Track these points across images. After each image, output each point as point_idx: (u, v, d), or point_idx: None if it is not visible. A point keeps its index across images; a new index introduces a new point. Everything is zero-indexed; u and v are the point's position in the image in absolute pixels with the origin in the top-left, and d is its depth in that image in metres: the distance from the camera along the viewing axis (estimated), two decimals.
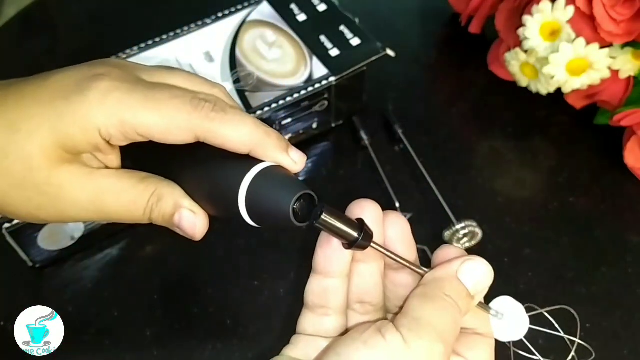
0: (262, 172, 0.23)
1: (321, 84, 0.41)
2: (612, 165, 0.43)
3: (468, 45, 0.51)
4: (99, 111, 0.24)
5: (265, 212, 0.23)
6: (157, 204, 0.26)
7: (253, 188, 0.23)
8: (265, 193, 0.23)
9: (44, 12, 0.57)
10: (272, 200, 0.23)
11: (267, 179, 0.23)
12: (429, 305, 0.23)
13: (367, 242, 0.24)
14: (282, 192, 0.23)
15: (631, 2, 0.38)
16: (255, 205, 0.23)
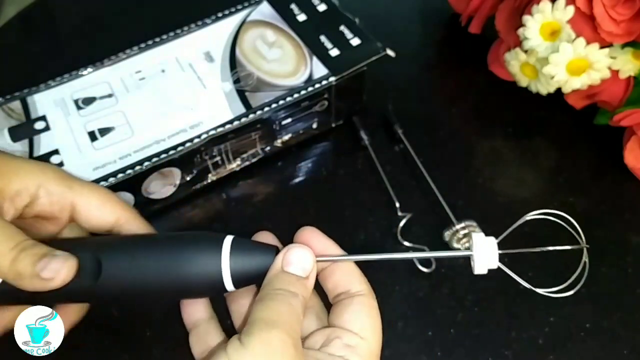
0: (233, 245, 0.27)
1: (321, 84, 0.41)
2: (612, 165, 0.43)
3: (468, 45, 0.51)
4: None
5: (250, 277, 0.27)
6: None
7: (234, 262, 0.26)
8: (247, 262, 0.27)
9: (44, 12, 0.57)
10: (255, 264, 0.27)
11: (239, 250, 0.27)
12: (259, 304, 0.25)
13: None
14: (261, 254, 0.27)
15: (631, 2, 0.38)
16: (240, 274, 0.26)
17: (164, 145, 0.38)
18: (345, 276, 0.28)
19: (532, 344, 0.36)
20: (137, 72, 0.42)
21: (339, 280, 0.28)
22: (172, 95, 0.41)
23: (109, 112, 0.40)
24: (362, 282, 0.28)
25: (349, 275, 0.28)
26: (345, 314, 0.27)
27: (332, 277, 0.28)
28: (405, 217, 0.40)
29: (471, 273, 0.39)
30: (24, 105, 0.40)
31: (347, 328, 0.27)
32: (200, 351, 0.29)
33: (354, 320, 0.27)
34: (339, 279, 0.28)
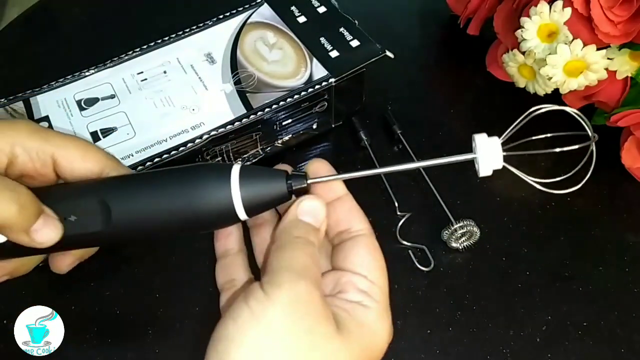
0: (242, 172, 0.26)
1: (321, 85, 0.41)
2: (609, 166, 0.44)
3: (466, 47, 0.51)
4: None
5: (262, 203, 0.26)
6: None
7: (244, 189, 0.26)
8: (257, 188, 0.26)
9: (47, 13, 0.57)
10: (266, 189, 0.26)
11: (248, 176, 0.26)
12: (281, 252, 0.24)
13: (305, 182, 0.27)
14: (272, 180, 0.26)
15: (628, 3, 0.38)
16: (252, 201, 0.26)
17: (165, 146, 0.38)
18: (346, 213, 0.28)
19: (530, 343, 0.36)
20: (139, 73, 0.42)
21: (340, 217, 0.28)
22: (174, 96, 0.41)
23: (112, 113, 0.40)
24: (363, 220, 0.28)
25: (349, 212, 0.28)
26: (351, 255, 0.27)
27: (334, 214, 0.28)
28: (404, 217, 0.40)
29: (470, 272, 0.39)
30: (27, 106, 0.40)
31: (357, 271, 0.26)
32: (222, 282, 0.29)
33: (361, 263, 0.26)
34: (340, 216, 0.28)
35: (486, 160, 0.28)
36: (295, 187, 0.27)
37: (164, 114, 0.40)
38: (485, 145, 0.28)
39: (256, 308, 0.22)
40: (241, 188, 0.25)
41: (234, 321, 0.23)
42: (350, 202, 0.28)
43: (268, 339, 0.22)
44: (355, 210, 0.28)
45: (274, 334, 0.22)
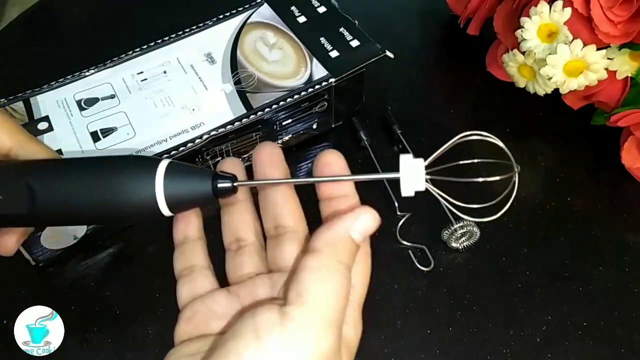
0: (168, 168, 0.26)
1: (321, 85, 0.41)
2: (609, 166, 0.44)
3: (466, 47, 0.51)
4: None
5: (186, 200, 0.26)
6: None
7: (169, 186, 0.26)
8: (183, 185, 0.26)
9: (47, 13, 0.57)
10: (191, 188, 0.26)
11: (175, 173, 0.26)
12: (318, 282, 0.22)
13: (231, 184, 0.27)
14: (198, 179, 0.26)
15: (628, 3, 0.38)
16: (175, 196, 0.26)
17: (165, 146, 0.38)
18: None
19: (530, 343, 0.36)
20: (139, 73, 0.42)
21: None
22: (174, 96, 0.41)
23: (112, 113, 0.40)
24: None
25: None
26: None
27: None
28: (404, 217, 0.40)
29: (470, 272, 0.39)
30: (27, 106, 0.40)
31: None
32: (180, 268, 0.29)
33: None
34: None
35: (408, 181, 0.28)
36: (221, 188, 0.26)
37: (164, 114, 0.40)
38: (408, 166, 0.28)
39: (269, 334, 0.20)
40: (165, 184, 0.25)
41: (258, 341, 0.20)
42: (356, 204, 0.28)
43: None
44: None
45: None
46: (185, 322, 0.27)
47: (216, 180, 0.26)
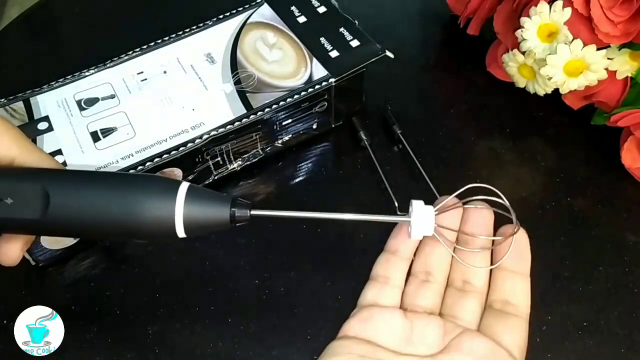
0: (189, 191, 0.26)
1: (321, 85, 0.41)
2: (609, 166, 0.44)
3: (466, 47, 0.51)
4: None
5: (202, 225, 0.27)
6: None
7: (188, 205, 0.26)
8: (201, 208, 0.26)
9: (47, 13, 0.57)
10: (210, 213, 0.27)
11: (195, 196, 0.26)
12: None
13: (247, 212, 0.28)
14: (216, 204, 0.27)
15: (628, 3, 0.38)
16: (193, 219, 0.26)
17: (165, 146, 0.38)
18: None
19: (530, 343, 0.36)
20: (139, 73, 0.42)
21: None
22: (174, 96, 0.41)
23: (112, 113, 0.40)
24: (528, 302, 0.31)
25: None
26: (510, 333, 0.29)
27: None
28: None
29: None
30: (26, 106, 0.40)
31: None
32: (379, 273, 0.32)
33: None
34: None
35: (419, 226, 0.30)
36: (239, 216, 0.27)
37: (164, 114, 0.40)
38: (420, 212, 0.30)
39: None
40: (185, 207, 0.26)
41: None
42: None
43: None
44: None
45: None
46: (360, 321, 0.29)
47: (234, 207, 0.27)
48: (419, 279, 0.32)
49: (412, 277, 0.32)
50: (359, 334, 0.29)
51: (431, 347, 0.28)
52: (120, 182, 0.27)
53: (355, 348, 0.28)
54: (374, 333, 0.29)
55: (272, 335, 0.36)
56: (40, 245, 0.37)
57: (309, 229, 0.40)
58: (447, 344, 0.28)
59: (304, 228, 0.40)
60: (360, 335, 0.29)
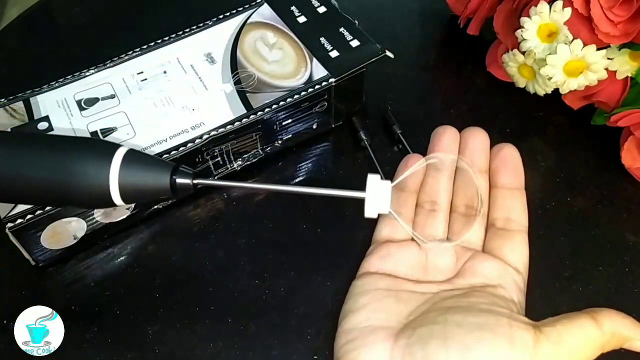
0: (126, 156, 0.25)
1: (321, 85, 0.41)
2: (609, 166, 0.44)
3: (466, 47, 0.51)
4: None
5: (141, 192, 0.25)
6: None
7: (124, 171, 0.25)
8: (139, 174, 0.25)
9: (47, 13, 0.57)
10: (148, 180, 0.25)
11: (132, 162, 0.25)
12: (583, 345, 0.25)
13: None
14: (156, 171, 0.25)
15: (628, 3, 0.38)
16: (129, 186, 0.25)
17: (165, 146, 0.38)
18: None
19: None
20: (139, 73, 0.42)
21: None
22: (174, 96, 0.41)
23: (112, 113, 0.40)
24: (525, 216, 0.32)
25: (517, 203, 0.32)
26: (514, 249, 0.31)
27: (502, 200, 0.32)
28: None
29: None
30: (26, 106, 0.40)
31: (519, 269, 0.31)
32: (383, 235, 0.33)
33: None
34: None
35: (373, 203, 0.28)
36: (179, 183, 0.26)
37: (164, 114, 0.40)
38: (375, 188, 0.28)
39: (518, 355, 0.24)
40: (121, 172, 0.24)
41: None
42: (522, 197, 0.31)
43: None
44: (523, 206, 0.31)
45: None
46: (380, 257, 0.31)
47: (175, 175, 0.25)
48: (426, 209, 0.33)
49: (419, 209, 0.33)
50: (379, 269, 0.30)
51: (446, 272, 0.30)
52: (57, 145, 0.25)
53: (380, 283, 0.29)
54: (394, 267, 0.30)
55: (272, 335, 0.36)
56: (40, 246, 0.37)
57: (309, 229, 0.40)
58: (461, 268, 0.30)
59: (304, 228, 0.40)
60: (381, 270, 0.30)
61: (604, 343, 0.25)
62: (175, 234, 0.41)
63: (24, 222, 0.34)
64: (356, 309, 0.28)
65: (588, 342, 0.25)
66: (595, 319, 0.25)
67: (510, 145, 0.32)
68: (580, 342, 0.25)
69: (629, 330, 0.26)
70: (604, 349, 0.26)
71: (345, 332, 0.27)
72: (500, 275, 0.29)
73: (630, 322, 0.26)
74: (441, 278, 0.30)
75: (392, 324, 0.27)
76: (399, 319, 0.27)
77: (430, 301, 0.28)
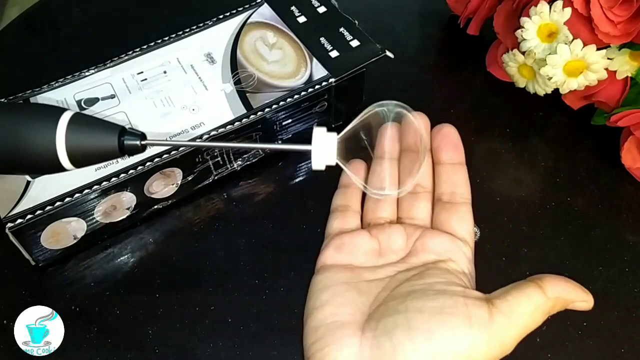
0: (72, 120, 0.25)
1: (321, 85, 0.41)
2: (609, 166, 0.44)
3: (466, 47, 0.51)
4: None
5: (89, 154, 0.25)
6: None
7: (71, 134, 0.25)
8: (86, 137, 0.25)
9: (47, 13, 0.57)
10: (96, 141, 0.25)
11: (79, 125, 0.25)
12: (531, 315, 0.27)
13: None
14: (103, 133, 0.25)
15: (628, 3, 0.38)
16: (77, 148, 0.25)
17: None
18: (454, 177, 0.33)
19: (530, 343, 0.36)
20: (139, 73, 0.42)
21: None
22: (174, 96, 0.41)
23: (112, 113, 0.40)
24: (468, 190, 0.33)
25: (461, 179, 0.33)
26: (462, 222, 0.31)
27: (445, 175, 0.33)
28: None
29: None
30: None
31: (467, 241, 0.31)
32: (338, 204, 0.34)
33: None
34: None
35: (319, 155, 0.28)
36: (127, 144, 0.26)
37: (164, 114, 0.40)
38: (321, 140, 0.28)
39: (477, 332, 0.25)
40: (68, 135, 0.24)
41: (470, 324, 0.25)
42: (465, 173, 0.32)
43: None
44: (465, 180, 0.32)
45: None
46: (334, 249, 0.31)
47: (123, 136, 0.25)
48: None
49: (369, 195, 0.34)
50: (336, 261, 0.31)
51: (399, 252, 0.31)
52: (4, 112, 0.25)
53: (339, 277, 0.30)
54: (349, 256, 0.31)
55: (272, 335, 0.36)
56: (40, 246, 0.37)
57: (309, 229, 0.40)
58: (412, 247, 0.31)
59: (304, 228, 0.40)
60: (337, 262, 0.31)
61: (550, 308, 0.27)
62: (175, 234, 0.41)
63: (24, 222, 0.34)
64: (320, 306, 0.29)
65: (536, 309, 0.26)
66: (540, 287, 0.27)
67: (449, 125, 0.33)
68: (530, 311, 0.26)
69: (570, 293, 0.28)
70: (549, 313, 0.27)
71: (312, 330, 0.28)
72: (449, 249, 0.30)
73: (571, 286, 0.28)
74: (395, 259, 0.31)
75: (357, 316, 0.27)
76: (363, 310, 0.28)
77: (388, 287, 0.29)
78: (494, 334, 0.25)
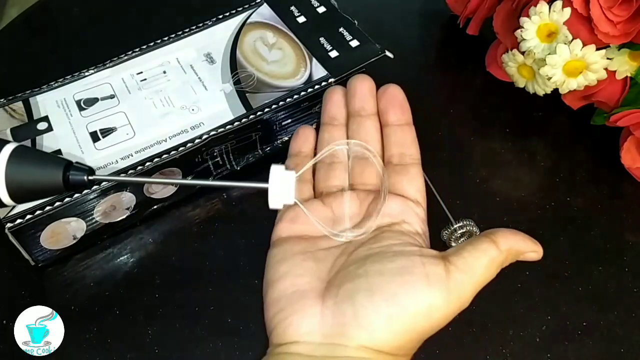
0: (14, 154, 0.24)
1: (321, 85, 0.41)
2: (609, 166, 0.44)
3: (466, 47, 0.51)
4: None
5: (31, 190, 0.25)
6: None
7: (12, 173, 0.24)
8: (28, 172, 0.24)
9: (46, 13, 0.57)
10: (39, 177, 0.24)
11: (21, 160, 0.24)
12: (485, 269, 0.28)
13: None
14: (48, 168, 0.25)
15: (628, 3, 0.38)
16: (18, 184, 0.24)
17: (165, 146, 0.38)
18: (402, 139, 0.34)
19: (530, 343, 0.36)
20: (139, 73, 0.42)
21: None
22: (174, 96, 0.41)
23: (111, 113, 0.40)
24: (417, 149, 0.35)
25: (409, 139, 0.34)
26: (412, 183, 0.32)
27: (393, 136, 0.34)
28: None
29: None
30: (26, 106, 0.40)
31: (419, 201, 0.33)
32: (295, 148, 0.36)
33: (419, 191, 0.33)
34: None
35: (277, 194, 0.27)
36: (73, 179, 0.25)
37: (163, 114, 0.40)
38: (278, 178, 0.27)
39: (435, 290, 0.26)
40: (8, 170, 0.24)
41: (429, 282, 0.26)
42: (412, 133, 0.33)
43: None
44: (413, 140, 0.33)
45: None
46: (288, 221, 0.32)
47: (69, 171, 0.25)
48: (326, 162, 0.34)
49: (319, 164, 0.34)
50: (291, 233, 0.31)
51: (353, 218, 0.31)
52: None
53: (295, 247, 0.30)
54: (304, 227, 0.31)
55: None
56: (40, 246, 0.37)
57: None
58: (366, 212, 0.31)
59: None
60: (293, 234, 0.31)
61: (503, 260, 0.28)
62: (175, 234, 0.41)
63: (23, 222, 0.34)
64: (279, 277, 0.29)
65: (491, 263, 0.27)
66: (493, 241, 0.28)
67: (394, 85, 0.34)
68: (486, 265, 0.27)
69: (521, 244, 0.28)
70: (503, 265, 0.28)
71: (273, 301, 0.28)
72: (402, 211, 0.30)
73: (522, 237, 0.29)
74: (350, 225, 0.31)
75: (316, 284, 0.28)
76: (322, 278, 0.28)
77: (346, 252, 0.29)
78: (452, 290, 0.26)
